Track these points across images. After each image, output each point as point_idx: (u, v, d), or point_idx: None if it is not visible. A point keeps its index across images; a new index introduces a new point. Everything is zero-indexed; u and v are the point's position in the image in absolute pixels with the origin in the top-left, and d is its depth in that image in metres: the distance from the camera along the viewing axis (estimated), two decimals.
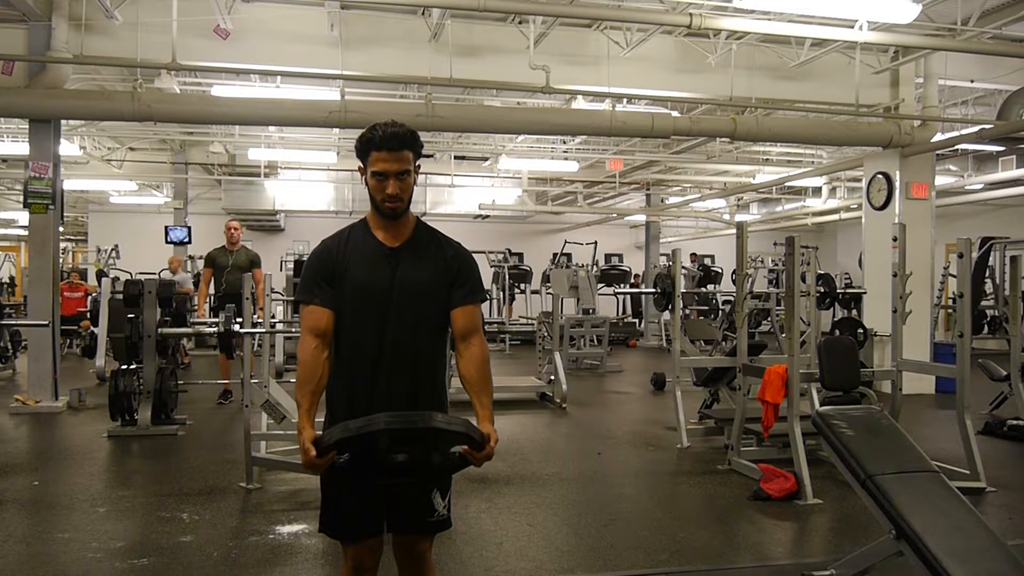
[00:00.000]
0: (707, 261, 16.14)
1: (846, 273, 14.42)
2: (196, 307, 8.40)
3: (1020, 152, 11.27)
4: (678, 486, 5.07)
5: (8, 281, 15.64)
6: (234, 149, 13.15)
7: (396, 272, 2.14)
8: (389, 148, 2.09)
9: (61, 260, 9.23)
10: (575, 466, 5.53)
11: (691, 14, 6.46)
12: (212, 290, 8.31)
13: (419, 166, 2.20)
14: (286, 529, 4.02)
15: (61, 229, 8.23)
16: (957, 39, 7.15)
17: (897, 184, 8.83)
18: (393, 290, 2.12)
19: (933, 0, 7.06)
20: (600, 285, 14.32)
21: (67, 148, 9.94)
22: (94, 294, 10.86)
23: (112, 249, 13.77)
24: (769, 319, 9.64)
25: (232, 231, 7.97)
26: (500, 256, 15.14)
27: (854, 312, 9.78)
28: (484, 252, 14.96)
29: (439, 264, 2.19)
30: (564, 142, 12.54)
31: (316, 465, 1.91)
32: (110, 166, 13.23)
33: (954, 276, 6.55)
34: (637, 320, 16.49)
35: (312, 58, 7.68)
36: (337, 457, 1.92)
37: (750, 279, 11.81)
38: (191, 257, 14.22)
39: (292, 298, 9.82)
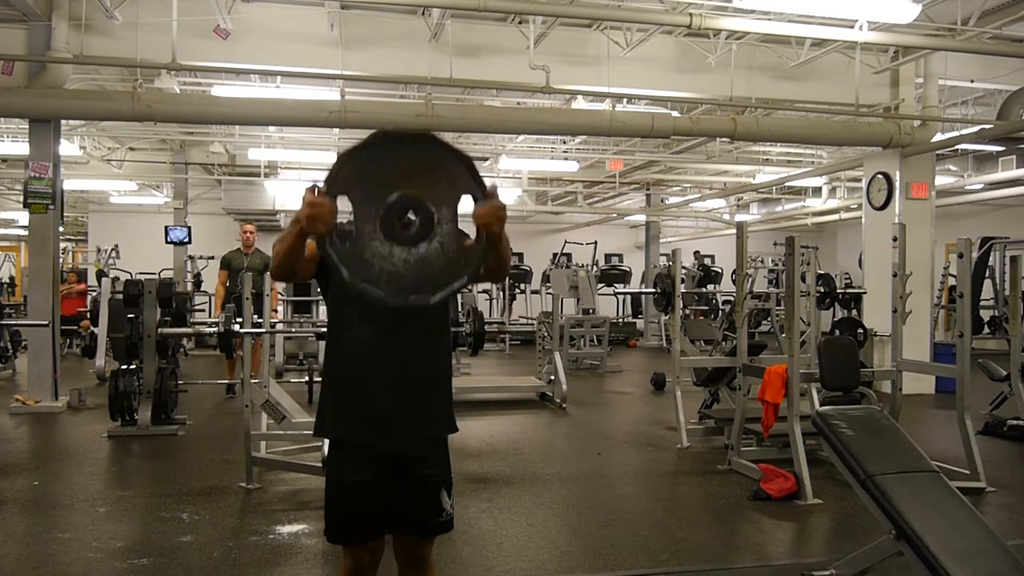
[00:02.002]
0: (707, 261, 16.15)
1: (846, 273, 14.42)
2: (215, 308, 8.46)
3: (1020, 152, 11.26)
4: (678, 486, 5.07)
5: (8, 281, 15.63)
6: (234, 149, 13.13)
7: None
8: None
9: (61, 260, 9.23)
10: (575, 466, 5.53)
11: (691, 14, 6.45)
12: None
13: None
14: (286, 529, 4.01)
15: (61, 229, 8.23)
16: (957, 39, 7.15)
17: (897, 184, 8.83)
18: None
19: (933, 0, 7.07)
20: (600, 285, 14.32)
21: (67, 148, 9.93)
22: (93, 293, 10.87)
23: (112, 249, 13.77)
24: (769, 319, 9.63)
25: (248, 235, 8.17)
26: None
27: (854, 312, 9.78)
28: None
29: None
30: (564, 142, 12.53)
31: (319, 210, 1.80)
32: (110, 166, 13.22)
33: (954, 276, 6.56)
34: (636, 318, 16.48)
35: (312, 58, 7.68)
36: (345, 224, 1.83)
37: (750, 279, 11.81)
38: (191, 257, 14.23)
39: (292, 298, 9.88)
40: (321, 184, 1.84)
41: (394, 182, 1.87)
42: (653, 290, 7.38)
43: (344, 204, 1.85)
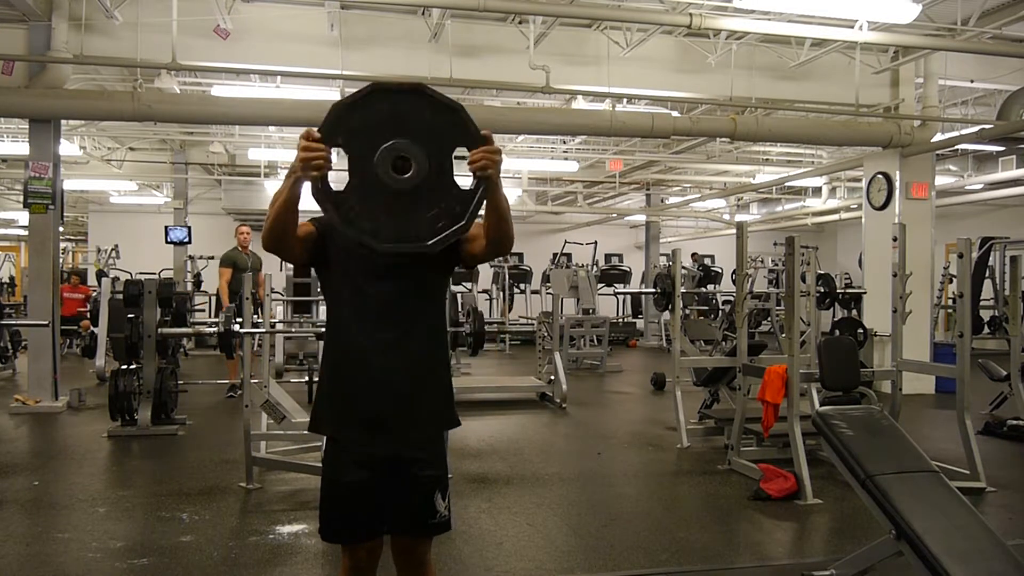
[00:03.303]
0: (707, 261, 16.14)
1: (846, 273, 14.41)
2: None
3: (1020, 152, 11.26)
4: (678, 486, 5.07)
5: (8, 281, 15.63)
6: (234, 149, 13.14)
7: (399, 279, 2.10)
8: None
9: (61, 260, 9.23)
10: (575, 466, 5.53)
11: (691, 14, 6.45)
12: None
13: None
14: (286, 529, 4.02)
15: (61, 229, 8.23)
16: (957, 39, 7.15)
17: (897, 184, 8.83)
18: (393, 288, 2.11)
19: (933, 0, 7.07)
20: (600, 285, 14.32)
21: (67, 148, 9.93)
22: (94, 294, 10.88)
23: (112, 249, 13.77)
24: (769, 319, 9.64)
25: (245, 235, 8.28)
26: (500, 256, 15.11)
27: (854, 312, 9.78)
28: None
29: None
30: (564, 142, 12.54)
31: (314, 153, 1.83)
32: (110, 166, 13.22)
33: (954, 276, 6.56)
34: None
35: (312, 58, 7.68)
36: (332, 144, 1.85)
37: (750, 279, 11.81)
38: (191, 257, 14.23)
39: (292, 298, 9.89)
40: (316, 131, 1.85)
41: (388, 132, 1.87)
42: (653, 290, 7.38)
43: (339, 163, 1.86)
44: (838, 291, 8.07)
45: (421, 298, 2.14)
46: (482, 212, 2.00)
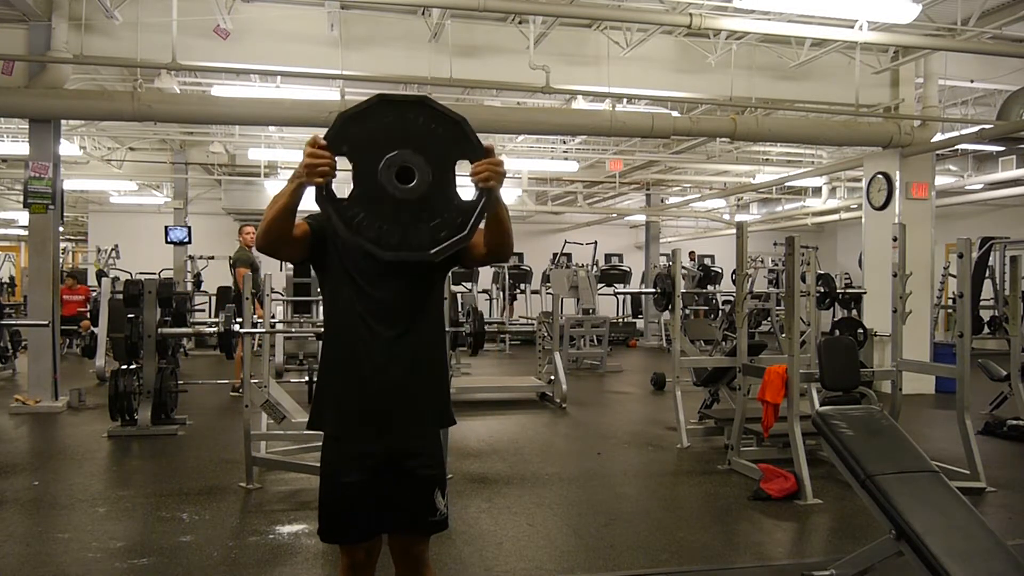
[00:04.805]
0: (707, 261, 16.14)
1: (846, 273, 14.40)
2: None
3: (1020, 152, 11.26)
4: (678, 486, 5.07)
5: (8, 281, 15.63)
6: (234, 149, 13.14)
7: (398, 277, 2.10)
8: None
9: (61, 260, 9.23)
10: (575, 466, 5.53)
11: (691, 14, 6.45)
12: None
13: None
14: (286, 529, 4.02)
15: (61, 229, 8.23)
16: (957, 39, 7.15)
17: (897, 184, 8.83)
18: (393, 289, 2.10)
19: (933, 0, 7.07)
20: (600, 285, 14.32)
21: (67, 148, 9.93)
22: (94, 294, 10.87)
23: (112, 249, 13.78)
24: (769, 319, 9.64)
25: (251, 235, 8.37)
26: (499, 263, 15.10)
27: (854, 312, 9.78)
28: None
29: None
30: (564, 142, 12.54)
31: (319, 159, 1.83)
32: (110, 166, 13.22)
33: (954, 276, 6.55)
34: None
35: (312, 58, 7.68)
36: (337, 151, 1.86)
37: (750, 279, 11.81)
38: (191, 257, 14.23)
39: (292, 298, 9.89)
40: (322, 138, 1.87)
41: (392, 142, 1.90)
42: (653, 290, 7.38)
43: (343, 166, 1.88)
44: (838, 291, 8.07)
45: (420, 296, 2.15)
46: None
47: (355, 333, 2.09)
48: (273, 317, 6.72)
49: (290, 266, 11.85)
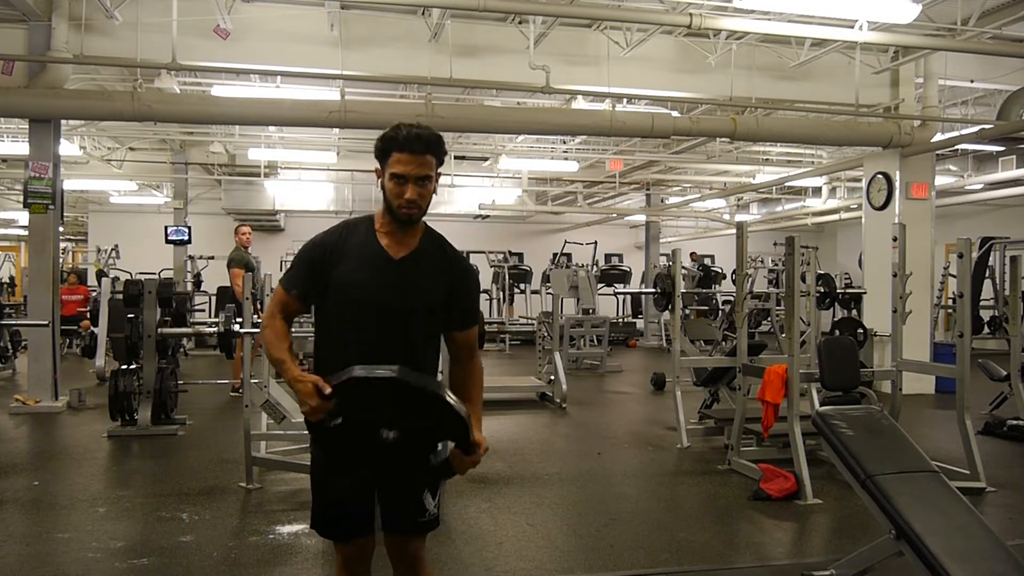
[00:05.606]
0: (707, 261, 16.13)
1: (846, 273, 14.42)
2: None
3: (1020, 152, 11.26)
4: (678, 486, 5.07)
5: (8, 281, 15.64)
6: (234, 149, 13.14)
7: (396, 285, 2.07)
8: (412, 150, 2.01)
9: (61, 260, 9.22)
10: (575, 466, 5.53)
11: (691, 14, 6.45)
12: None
13: (440, 174, 2.12)
14: (286, 529, 4.02)
15: (61, 229, 8.23)
16: (957, 39, 7.15)
17: (897, 184, 8.83)
18: (391, 303, 2.06)
19: (933, 0, 7.07)
20: (600, 285, 14.32)
21: (67, 148, 9.93)
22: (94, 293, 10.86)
23: (112, 249, 13.78)
24: (769, 319, 9.65)
25: (246, 235, 8.43)
26: (500, 256, 15.14)
27: (854, 312, 9.79)
28: (484, 252, 14.97)
29: (442, 283, 2.12)
30: (564, 142, 12.54)
31: (318, 409, 1.90)
32: (110, 166, 13.22)
33: (954, 276, 6.56)
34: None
35: (312, 58, 7.68)
36: (331, 419, 1.93)
37: (750, 279, 11.82)
38: (191, 257, 14.23)
39: None
40: (327, 388, 1.90)
41: (387, 410, 1.94)
42: (653, 290, 7.38)
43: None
44: (838, 291, 8.08)
45: (415, 342, 2.14)
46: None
47: (346, 349, 2.08)
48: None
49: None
